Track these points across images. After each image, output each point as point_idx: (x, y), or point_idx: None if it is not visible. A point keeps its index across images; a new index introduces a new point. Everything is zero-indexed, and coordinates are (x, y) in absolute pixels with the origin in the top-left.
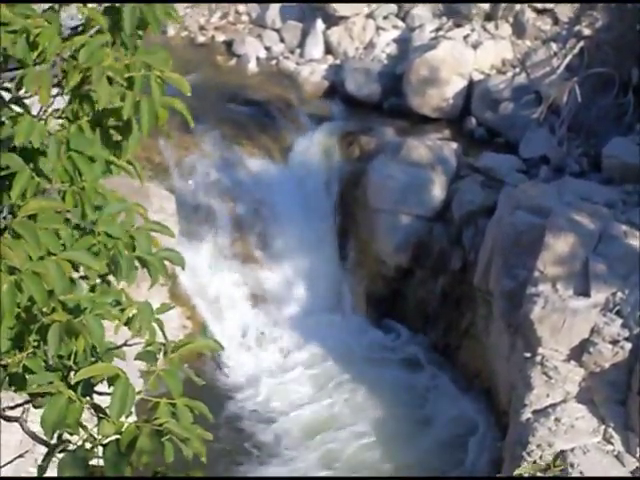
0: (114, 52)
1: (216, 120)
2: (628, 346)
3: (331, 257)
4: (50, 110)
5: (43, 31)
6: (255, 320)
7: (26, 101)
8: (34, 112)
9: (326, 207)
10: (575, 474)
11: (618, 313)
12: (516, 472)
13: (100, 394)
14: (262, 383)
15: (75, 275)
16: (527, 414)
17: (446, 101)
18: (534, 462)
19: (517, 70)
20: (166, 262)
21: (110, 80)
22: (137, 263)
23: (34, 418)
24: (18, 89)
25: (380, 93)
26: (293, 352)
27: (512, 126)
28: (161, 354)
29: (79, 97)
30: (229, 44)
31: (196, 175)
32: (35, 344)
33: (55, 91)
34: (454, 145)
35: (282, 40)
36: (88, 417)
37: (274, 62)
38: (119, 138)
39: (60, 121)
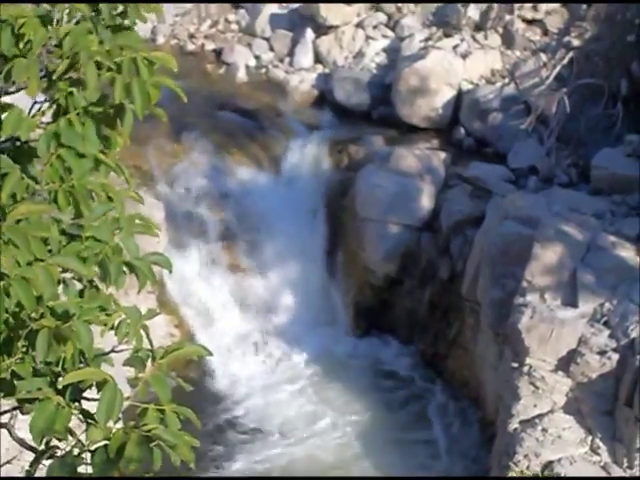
0: (97, 38)
1: (205, 128)
2: (615, 357)
3: (319, 266)
4: (37, 107)
5: (28, 22)
6: (243, 329)
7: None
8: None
9: (314, 216)
10: None
11: (606, 324)
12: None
13: (89, 400)
14: (249, 391)
15: (68, 275)
16: (514, 424)
17: (435, 111)
18: (521, 472)
19: (506, 80)
20: (154, 269)
21: (98, 66)
22: (125, 268)
23: (22, 425)
24: (6, 81)
25: (369, 102)
26: (281, 361)
27: (501, 136)
28: (149, 361)
29: (67, 87)
30: (219, 52)
31: (185, 184)
32: (24, 350)
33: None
34: (443, 155)
35: (272, 49)
36: (76, 424)
37: (263, 71)
38: (107, 132)
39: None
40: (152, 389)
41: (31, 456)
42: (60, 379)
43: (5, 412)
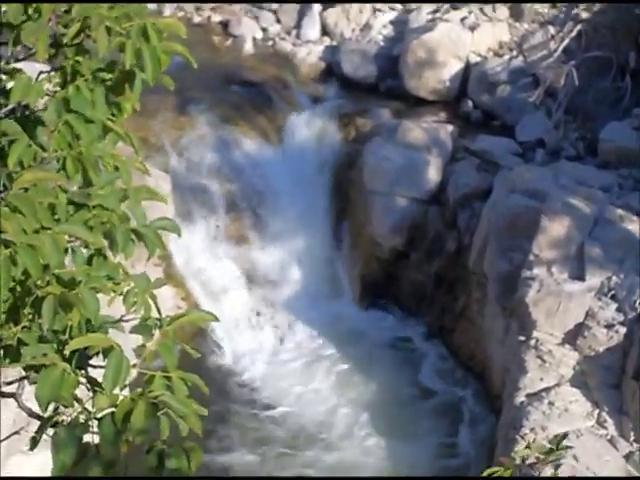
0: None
1: (212, 101)
2: (623, 330)
3: (326, 239)
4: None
5: None
6: (250, 301)
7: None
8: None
9: (321, 189)
10: (568, 458)
11: (613, 297)
12: (517, 454)
13: (95, 367)
14: (257, 364)
15: (75, 244)
16: (521, 397)
17: (442, 83)
18: (527, 445)
19: (514, 53)
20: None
21: (107, 32)
22: (133, 236)
23: (29, 396)
24: (15, 45)
25: (376, 75)
26: (288, 333)
27: (508, 109)
28: (156, 329)
29: (77, 52)
30: (225, 25)
31: (192, 156)
32: (30, 317)
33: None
34: (450, 128)
35: (278, 21)
36: (83, 393)
37: (270, 43)
38: (116, 99)
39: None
40: (158, 360)
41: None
42: (66, 346)
43: (12, 382)
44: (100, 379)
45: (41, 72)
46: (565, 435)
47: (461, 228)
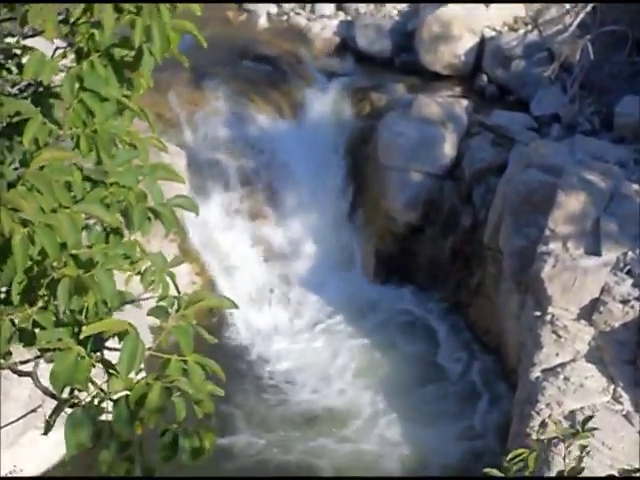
0: None
1: (226, 76)
2: (638, 305)
3: (340, 214)
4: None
5: None
6: (265, 277)
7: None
8: None
9: (336, 164)
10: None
11: (629, 272)
12: (544, 436)
13: (110, 349)
14: (272, 339)
15: (90, 222)
16: (536, 373)
17: (457, 58)
18: (543, 421)
19: (529, 27)
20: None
21: (119, 8)
22: (150, 214)
23: (44, 373)
24: (22, 25)
25: (391, 49)
26: (302, 309)
27: (524, 84)
28: (173, 310)
29: (88, 29)
30: None
31: (206, 131)
32: (46, 299)
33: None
34: (465, 102)
35: None
36: (98, 374)
37: (285, 18)
38: (130, 75)
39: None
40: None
41: (54, 404)
42: (83, 328)
43: (28, 361)
44: (114, 361)
45: (57, 48)
46: (590, 417)
47: (476, 203)
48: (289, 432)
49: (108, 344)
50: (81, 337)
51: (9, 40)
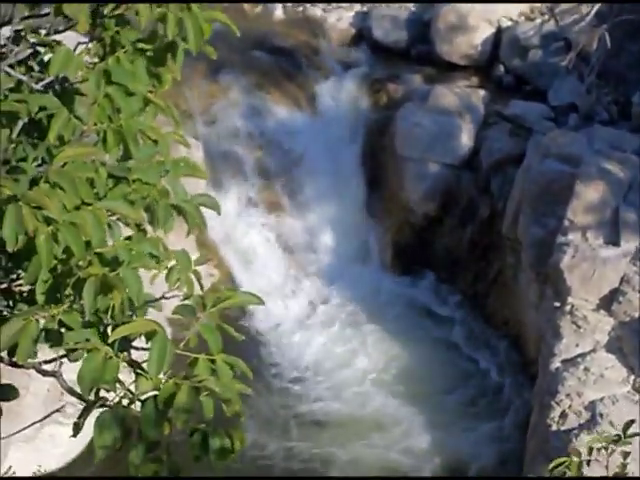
0: None
1: (242, 68)
2: None
3: (358, 206)
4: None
5: None
6: (281, 268)
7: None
8: None
9: (353, 155)
10: (604, 424)
11: None
12: (587, 444)
13: (137, 349)
14: (290, 331)
15: (113, 218)
16: (556, 363)
17: (474, 48)
18: (562, 412)
19: (546, 17)
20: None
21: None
22: (173, 211)
23: (65, 368)
24: (56, 16)
25: (407, 40)
26: (321, 301)
27: (541, 73)
28: (200, 308)
29: (117, 23)
30: None
31: (222, 123)
32: (72, 298)
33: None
34: (482, 93)
35: None
36: (126, 374)
37: (300, 9)
38: (157, 70)
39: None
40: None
41: (72, 398)
42: (109, 327)
43: (52, 360)
44: (140, 360)
45: (79, 43)
46: (632, 421)
47: (494, 194)
48: (303, 423)
49: (135, 344)
50: (110, 341)
51: (33, 39)
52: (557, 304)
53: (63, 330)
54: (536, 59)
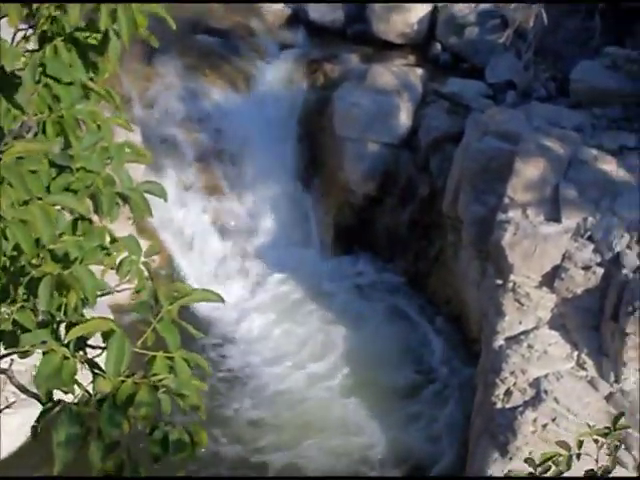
0: None
1: (178, 50)
2: (600, 271)
3: (298, 187)
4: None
5: None
6: (222, 252)
7: None
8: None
9: (291, 137)
10: (549, 400)
11: (590, 238)
12: (581, 437)
13: (94, 348)
14: (231, 314)
15: (57, 207)
16: (499, 341)
17: (410, 27)
18: (507, 389)
19: None
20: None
21: None
22: (119, 200)
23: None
24: None
25: (344, 20)
26: (262, 283)
27: (477, 51)
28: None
29: (51, 11)
30: None
31: (159, 107)
32: (24, 297)
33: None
34: (419, 71)
35: None
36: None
37: None
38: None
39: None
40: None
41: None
42: (62, 326)
43: (3, 356)
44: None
45: (18, 30)
46: (622, 414)
47: (434, 172)
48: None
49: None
50: (66, 341)
51: None
52: (499, 282)
53: (17, 330)
54: (473, 37)
